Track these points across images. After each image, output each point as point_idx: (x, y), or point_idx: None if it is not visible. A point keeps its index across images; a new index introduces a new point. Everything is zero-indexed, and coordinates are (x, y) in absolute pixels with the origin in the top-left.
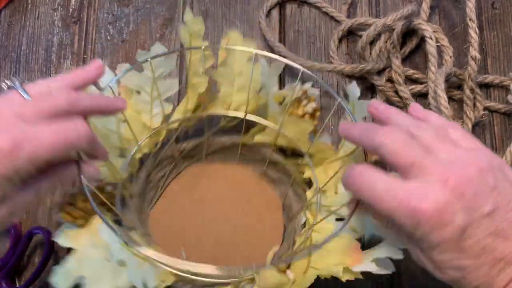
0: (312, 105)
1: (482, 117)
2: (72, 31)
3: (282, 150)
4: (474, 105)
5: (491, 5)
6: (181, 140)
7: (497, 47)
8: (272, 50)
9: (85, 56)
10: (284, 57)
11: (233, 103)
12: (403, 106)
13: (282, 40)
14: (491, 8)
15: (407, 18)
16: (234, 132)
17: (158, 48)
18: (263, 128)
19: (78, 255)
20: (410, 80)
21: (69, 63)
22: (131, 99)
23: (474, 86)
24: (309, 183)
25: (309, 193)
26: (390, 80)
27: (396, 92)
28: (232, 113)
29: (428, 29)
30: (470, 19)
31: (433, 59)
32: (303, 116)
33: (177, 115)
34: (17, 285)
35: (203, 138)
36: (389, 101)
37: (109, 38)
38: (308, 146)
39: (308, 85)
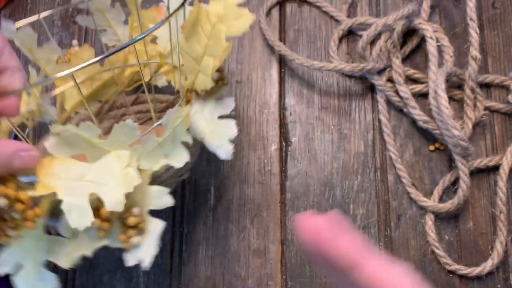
0: None
1: (482, 117)
2: (72, 31)
3: None
4: (475, 105)
5: (492, 5)
6: None
7: (497, 46)
8: (272, 50)
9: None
10: (284, 56)
11: None
12: (403, 106)
13: (282, 39)
14: (492, 7)
15: (408, 17)
16: None
17: None
18: None
19: None
20: (410, 80)
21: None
22: None
23: (474, 86)
24: None
25: None
26: (390, 80)
27: (396, 92)
28: None
29: (429, 29)
30: (470, 19)
31: (433, 59)
32: None
33: None
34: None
35: None
36: (389, 101)
37: None
38: None
39: None
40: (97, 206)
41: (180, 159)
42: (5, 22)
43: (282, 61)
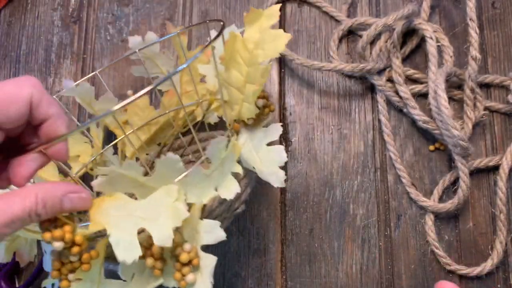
0: None
1: (482, 117)
2: (72, 31)
3: None
4: (475, 105)
5: (492, 5)
6: None
7: (497, 46)
8: None
9: (85, 56)
10: (284, 56)
11: None
12: (403, 106)
13: None
14: (492, 7)
15: (408, 17)
16: None
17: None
18: None
19: None
20: (410, 80)
21: (68, 63)
22: None
23: (474, 86)
24: None
25: None
26: (390, 80)
27: (396, 92)
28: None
29: (429, 29)
30: (470, 19)
31: (433, 59)
32: None
33: None
34: (17, 285)
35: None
36: (389, 101)
37: (108, 38)
38: None
39: None
40: (149, 244)
41: (231, 190)
42: (66, 81)
43: (282, 61)
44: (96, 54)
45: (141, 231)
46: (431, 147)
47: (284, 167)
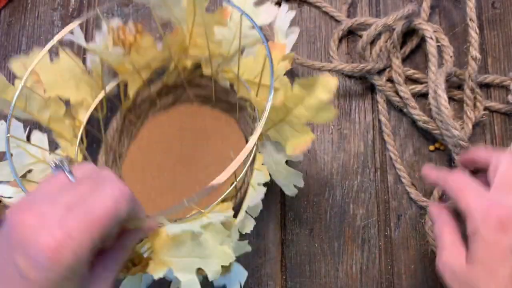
0: None
1: (482, 117)
2: (72, 31)
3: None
4: (475, 105)
5: (491, 5)
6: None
7: (497, 46)
8: None
9: (85, 56)
10: None
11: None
12: (403, 106)
13: None
14: (492, 7)
15: (408, 17)
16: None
17: None
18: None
19: None
20: (410, 80)
21: None
22: None
23: (474, 86)
24: None
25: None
26: (390, 80)
27: (396, 92)
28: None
29: (429, 29)
30: (470, 19)
31: (433, 59)
32: None
33: None
34: None
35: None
36: (389, 101)
37: None
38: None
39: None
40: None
41: (248, 226)
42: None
43: None
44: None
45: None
46: (431, 147)
47: None
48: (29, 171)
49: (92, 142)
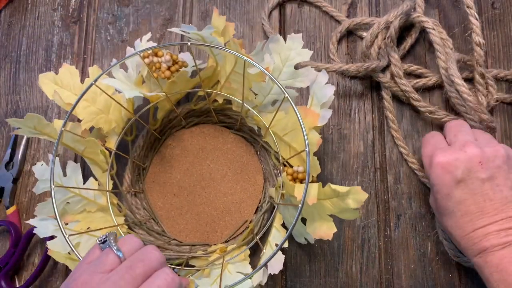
0: None
1: (496, 102)
2: (72, 31)
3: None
4: (487, 89)
5: (491, 5)
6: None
7: (497, 47)
8: None
9: (85, 56)
10: None
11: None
12: (407, 100)
13: None
14: (491, 8)
15: (407, 14)
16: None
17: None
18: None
19: None
20: (413, 75)
21: (69, 63)
22: None
23: (484, 71)
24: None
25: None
26: (393, 76)
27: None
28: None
29: (429, 21)
30: (467, 6)
31: (439, 48)
32: None
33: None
34: (17, 285)
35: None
36: (395, 97)
37: (109, 38)
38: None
39: None
40: None
41: (265, 277)
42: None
43: None
44: (96, 54)
45: None
46: None
47: None
48: (67, 203)
49: (117, 160)
